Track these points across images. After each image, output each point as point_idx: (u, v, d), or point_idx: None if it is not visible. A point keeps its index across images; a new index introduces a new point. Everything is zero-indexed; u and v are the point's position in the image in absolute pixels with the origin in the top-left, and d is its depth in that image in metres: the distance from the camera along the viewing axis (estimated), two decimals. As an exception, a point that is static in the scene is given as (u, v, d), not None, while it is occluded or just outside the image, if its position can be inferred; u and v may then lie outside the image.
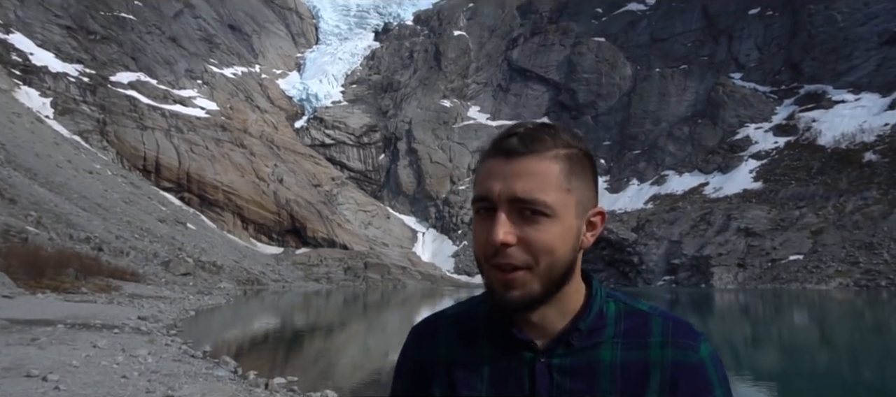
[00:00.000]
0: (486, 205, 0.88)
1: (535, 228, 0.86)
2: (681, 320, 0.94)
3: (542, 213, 0.86)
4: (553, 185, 0.87)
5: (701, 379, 0.90)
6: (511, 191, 0.86)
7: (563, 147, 0.90)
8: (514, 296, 0.88)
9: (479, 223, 0.90)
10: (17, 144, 44.90)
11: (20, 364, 5.72)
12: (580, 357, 0.91)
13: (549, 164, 0.88)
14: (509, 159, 0.88)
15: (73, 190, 43.59)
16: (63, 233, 33.84)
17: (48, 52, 65.33)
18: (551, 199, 0.87)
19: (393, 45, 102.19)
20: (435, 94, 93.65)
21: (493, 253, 0.86)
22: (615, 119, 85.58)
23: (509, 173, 0.87)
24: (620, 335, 0.92)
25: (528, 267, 0.87)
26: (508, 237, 0.85)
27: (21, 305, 12.90)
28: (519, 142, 0.88)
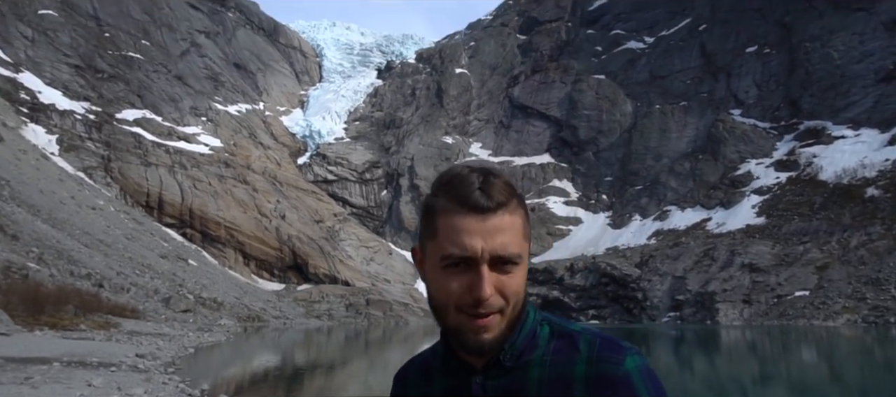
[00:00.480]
0: (464, 261, 0.94)
1: (509, 277, 0.95)
2: (608, 337, 0.99)
3: (514, 263, 0.96)
4: (521, 237, 0.97)
5: (624, 390, 0.93)
6: (493, 249, 0.93)
7: (515, 196, 0.99)
8: (487, 339, 0.95)
9: (451, 275, 0.95)
10: (22, 181, 45.12)
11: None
12: (512, 376, 0.97)
13: (515, 218, 0.97)
14: (484, 216, 0.94)
15: (75, 226, 43.62)
16: (64, 269, 33.72)
17: (56, 90, 66.17)
18: (521, 250, 0.97)
19: (395, 83, 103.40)
20: (437, 131, 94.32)
21: (472, 303, 0.93)
22: (616, 155, 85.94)
23: (487, 231, 0.93)
24: (549, 354, 0.98)
25: (500, 311, 0.95)
26: (492, 290, 0.94)
27: (17, 343, 12.75)
28: (486, 198, 0.95)
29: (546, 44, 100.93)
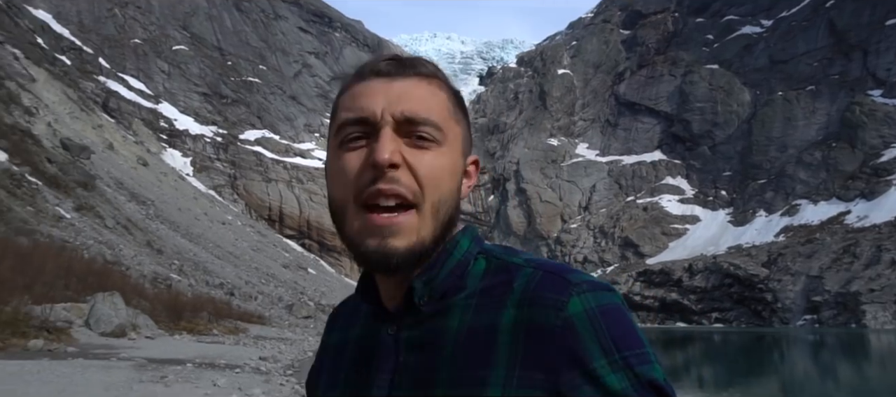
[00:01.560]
0: (362, 129, 0.71)
1: (423, 153, 0.71)
2: (556, 268, 0.71)
3: (431, 139, 0.71)
4: (442, 110, 0.74)
5: (566, 345, 0.65)
6: (399, 109, 0.70)
7: (439, 75, 0.77)
8: (398, 246, 0.69)
9: (346, 155, 0.71)
10: (164, 200, 49.86)
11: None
12: (429, 325, 0.72)
13: (435, 89, 0.75)
14: (391, 79, 0.73)
15: (208, 240, 47.50)
16: (200, 279, 36.79)
17: (188, 117, 72.64)
18: (442, 123, 0.73)
19: (497, 88, 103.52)
20: (541, 134, 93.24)
21: (370, 180, 0.69)
22: (735, 148, 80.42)
23: (393, 92, 0.72)
24: (476, 296, 0.71)
25: (414, 202, 0.69)
26: (396, 156, 0.69)
27: (159, 345, 14.02)
28: (397, 65, 0.75)
29: (652, 37, 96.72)
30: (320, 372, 0.84)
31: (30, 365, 8.18)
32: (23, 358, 8.87)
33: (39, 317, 12.71)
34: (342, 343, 0.81)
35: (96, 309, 14.82)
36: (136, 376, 8.14)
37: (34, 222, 29.60)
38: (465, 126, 0.77)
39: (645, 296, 67.75)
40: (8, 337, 11.07)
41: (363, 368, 0.75)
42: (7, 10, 57.32)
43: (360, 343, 0.78)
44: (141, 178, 51.57)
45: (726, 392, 15.98)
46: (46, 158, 39.23)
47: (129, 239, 36.35)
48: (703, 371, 22.41)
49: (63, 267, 18.51)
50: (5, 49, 50.86)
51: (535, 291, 0.68)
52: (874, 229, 57.37)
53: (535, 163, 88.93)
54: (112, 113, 62.47)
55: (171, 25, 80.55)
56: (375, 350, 0.74)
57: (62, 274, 17.88)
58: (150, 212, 44.71)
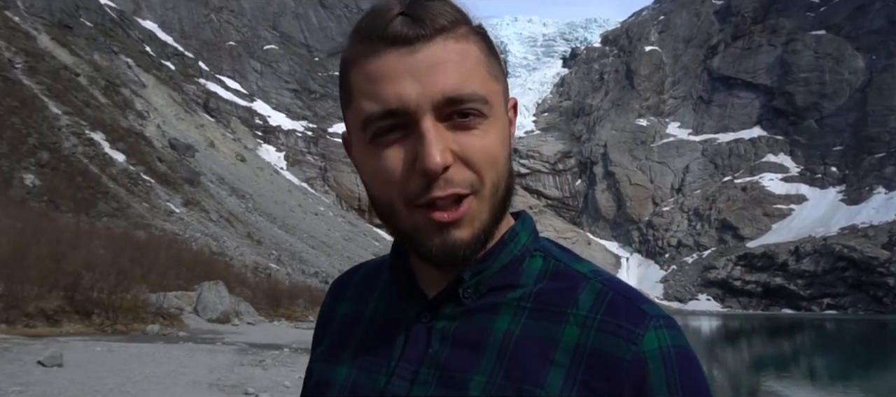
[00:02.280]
0: (394, 121, 0.58)
1: (472, 135, 0.59)
2: (628, 292, 0.62)
3: (478, 113, 0.59)
4: (481, 71, 0.60)
5: (632, 385, 0.56)
6: (436, 90, 0.57)
7: (464, 21, 0.61)
8: (464, 238, 0.59)
9: (379, 151, 0.59)
10: (261, 194, 52.58)
11: (243, 382, 6.52)
12: (471, 322, 0.62)
13: (465, 44, 0.60)
14: (412, 47, 0.58)
15: (303, 230, 49.65)
16: (296, 268, 38.59)
17: (281, 113, 76.06)
18: (484, 90, 0.60)
19: (582, 70, 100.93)
20: (629, 114, 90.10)
21: (422, 188, 0.58)
22: (847, 120, 74.10)
23: (421, 67, 0.57)
24: (530, 299, 0.62)
25: (473, 190, 0.59)
26: (447, 156, 0.57)
27: (259, 331, 14.84)
28: (412, 24, 0.58)
29: (748, 6, 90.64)
30: (318, 340, 0.76)
31: (147, 347, 8.88)
32: (141, 342, 9.65)
33: (155, 305, 13.78)
34: (354, 315, 0.72)
35: (203, 297, 15.87)
36: (237, 359, 8.64)
37: (149, 217, 32.12)
38: (501, 73, 0.65)
39: (746, 281, 64.11)
40: (130, 322, 12.09)
41: (380, 349, 0.66)
42: (120, 23, 62.20)
43: (380, 321, 0.69)
44: (240, 173, 54.64)
45: (844, 385, 14.78)
46: (157, 158, 42.39)
47: (231, 231, 38.68)
48: (814, 361, 20.95)
49: (174, 258, 19.97)
50: (120, 59, 55.30)
51: (606, 314, 0.59)
52: None
53: (624, 144, 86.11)
54: (212, 112, 66.47)
55: (262, 26, 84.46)
56: (398, 333, 0.66)
57: (173, 264, 19.28)
58: (249, 206, 47.34)
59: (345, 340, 0.70)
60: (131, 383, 5.94)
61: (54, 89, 39.65)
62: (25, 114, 34.00)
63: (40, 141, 32.38)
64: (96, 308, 11.66)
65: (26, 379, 5.57)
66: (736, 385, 14.87)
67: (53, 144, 33.11)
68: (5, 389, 5.13)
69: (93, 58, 50.82)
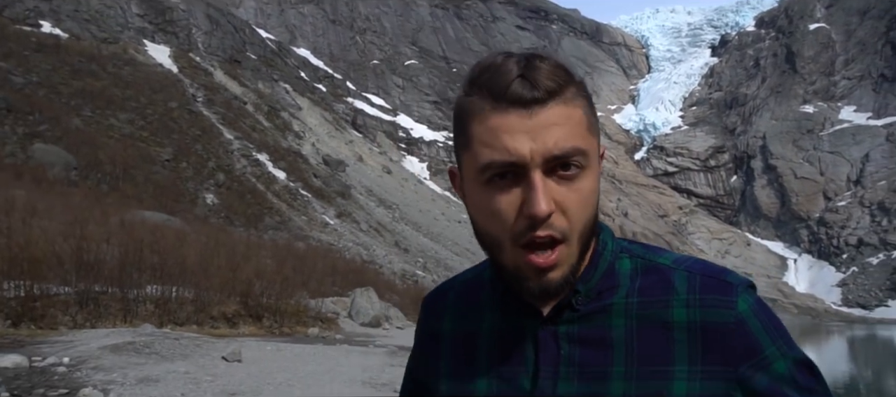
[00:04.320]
0: (511, 170, 0.70)
1: (571, 187, 0.71)
2: (711, 270, 0.77)
3: (578, 166, 0.71)
4: (583, 130, 0.73)
5: (741, 340, 0.72)
6: (545, 149, 0.69)
7: (572, 82, 0.74)
8: (554, 279, 0.72)
9: (494, 193, 0.72)
10: (407, 204, 54.93)
11: (393, 381, 6.91)
12: (590, 323, 0.76)
13: (574, 109, 0.72)
14: (529, 110, 0.70)
15: (447, 238, 51.02)
16: (442, 274, 39.78)
17: (422, 125, 79.00)
18: (587, 145, 0.72)
19: (733, 57, 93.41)
20: (792, 101, 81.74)
21: (527, 228, 0.70)
22: None
23: (535, 128, 0.70)
24: (635, 295, 0.76)
25: (565, 237, 0.71)
26: (551, 205, 0.70)
27: (407, 335, 15.53)
28: (532, 88, 0.70)
29: (941, -37, 78.42)
30: (433, 358, 0.86)
31: (309, 347, 9.70)
32: (304, 343, 10.55)
33: (314, 309, 14.96)
34: (469, 332, 0.83)
35: (356, 303, 16.92)
36: (387, 361, 9.14)
37: (307, 229, 34.95)
38: (597, 127, 0.76)
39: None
40: (294, 325, 13.26)
41: (513, 358, 0.77)
42: (279, 53, 68.53)
43: (501, 335, 0.80)
44: (386, 185, 57.55)
45: None
46: (313, 174, 46.00)
47: (379, 240, 40.85)
48: None
49: (329, 266, 21.53)
50: (279, 85, 60.93)
51: (702, 293, 0.73)
52: None
53: (786, 135, 78.24)
54: (359, 128, 70.76)
55: (402, 43, 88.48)
56: (525, 342, 0.77)
57: (329, 272, 20.79)
58: (395, 215, 49.68)
59: (471, 356, 0.81)
60: (297, 378, 6.57)
61: (227, 117, 44.66)
62: (206, 141, 38.67)
63: (217, 164, 36.63)
64: (266, 312, 12.93)
65: (214, 370, 6.43)
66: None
67: (227, 166, 37.29)
68: (200, 378, 6.00)
69: (257, 87, 56.49)
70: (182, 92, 44.24)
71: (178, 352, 7.17)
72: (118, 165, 27.85)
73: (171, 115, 39.25)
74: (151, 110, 38.12)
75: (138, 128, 35.01)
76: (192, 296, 11.59)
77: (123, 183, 26.85)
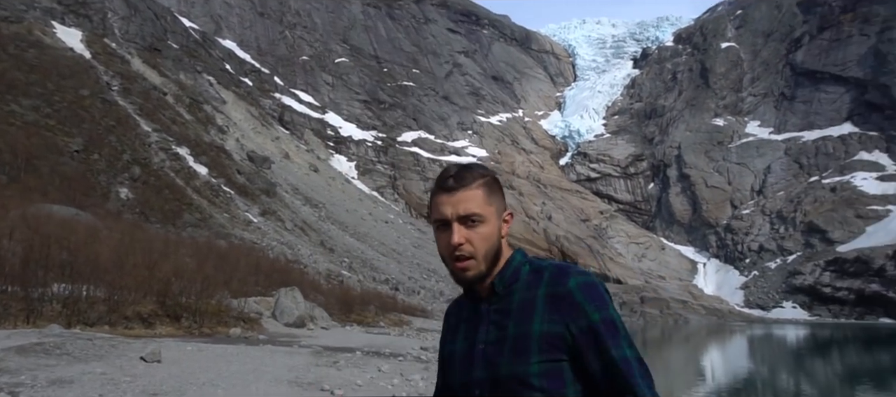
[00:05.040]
0: (443, 222, 1.39)
1: (474, 230, 1.38)
2: (561, 266, 1.42)
3: (477, 221, 1.38)
4: (481, 202, 1.39)
5: (569, 302, 1.34)
6: (459, 211, 1.38)
7: (480, 178, 1.42)
8: (467, 276, 1.39)
9: (440, 234, 1.40)
10: (333, 203, 54.20)
11: (320, 380, 6.88)
12: (503, 301, 1.40)
13: (477, 191, 1.40)
14: (452, 192, 1.39)
15: (374, 238, 50.76)
16: (368, 275, 39.53)
17: (351, 124, 78.14)
18: (480, 211, 1.38)
19: (653, 70, 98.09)
20: (705, 114, 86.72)
21: (453, 250, 1.37)
22: (951, 112, 68.40)
23: (454, 201, 1.38)
24: (524, 285, 1.40)
25: (472, 256, 1.37)
26: (461, 238, 1.37)
27: (332, 335, 15.39)
28: (453, 181, 1.40)
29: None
30: (445, 337, 1.53)
31: (232, 348, 9.47)
32: (226, 343, 10.28)
33: (237, 309, 14.58)
34: (457, 320, 1.50)
35: (280, 303, 16.61)
36: (313, 361, 9.07)
37: (229, 227, 33.83)
38: (498, 198, 1.44)
39: (837, 288, 60.18)
40: (215, 326, 12.88)
41: (471, 327, 1.44)
42: (203, 44, 65.93)
43: (468, 316, 1.46)
44: (313, 184, 56.58)
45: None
46: (237, 170, 44.58)
47: (305, 239, 40.12)
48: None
49: (253, 265, 21.00)
50: (202, 77, 58.63)
51: (552, 277, 1.38)
52: None
53: (699, 145, 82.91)
54: (286, 125, 69.16)
55: (333, 40, 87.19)
56: (477, 316, 1.44)
57: (252, 271, 20.28)
58: (322, 214, 48.92)
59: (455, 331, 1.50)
60: (221, 378, 6.42)
61: (145, 108, 42.54)
62: (120, 133, 36.69)
63: (133, 157, 34.83)
64: (185, 312, 12.50)
65: (133, 371, 6.18)
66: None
67: (144, 160, 35.52)
68: (118, 379, 5.75)
69: (179, 78, 54.12)
70: (95, 79, 41.77)
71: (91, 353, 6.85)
72: (20, 155, 25.99)
73: (82, 104, 36.97)
74: (59, 97, 35.76)
75: (44, 116, 32.76)
76: (105, 296, 11.05)
77: (26, 174, 25.10)
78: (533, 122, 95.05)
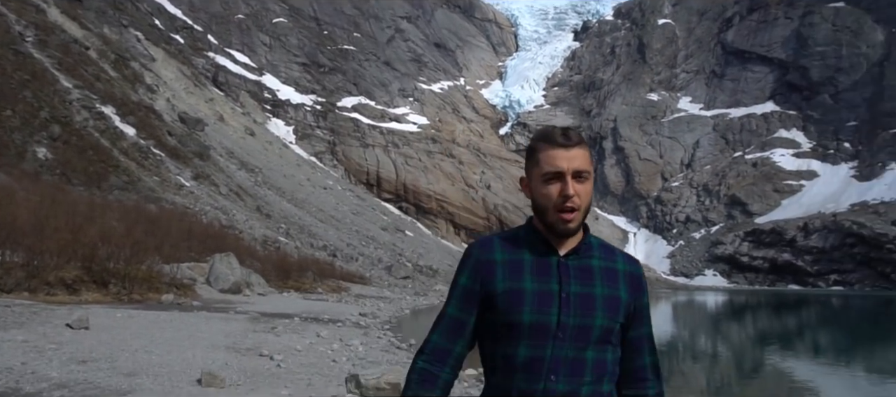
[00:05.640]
0: (556, 175, 1.52)
1: (583, 185, 1.53)
2: (626, 253, 1.67)
3: (586, 178, 1.54)
4: (589, 162, 1.56)
5: (638, 284, 1.61)
6: (574, 166, 1.52)
7: (584, 141, 1.59)
8: (572, 227, 1.53)
9: (548, 184, 1.53)
10: (270, 168, 52.91)
11: (258, 346, 6.82)
12: (582, 261, 1.56)
13: (584, 151, 1.55)
14: (568, 148, 1.53)
15: (312, 204, 50.01)
16: (305, 241, 39.03)
17: (290, 87, 76.03)
18: (588, 168, 1.55)
19: (593, 43, 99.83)
20: (641, 89, 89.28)
21: (563, 201, 1.52)
22: (862, 95, 73.13)
23: (568, 157, 1.52)
24: (600, 254, 1.60)
25: (578, 208, 1.52)
26: (574, 191, 1.51)
27: (270, 301, 15.21)
28: (569, 139, 1.55)
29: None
30: (489, 274, 1.58)
31: (164, 315, 9.21)
32: (158, 310, 9.98)
33: (169, 275, 14.14)
34: (516, 260, 1.58)
35: (215, 269, 16.22)
36: (250, 327, 8.96)
37: (160, 190, 32.51)
38: (592, 158, 1.61)
39: (753, 257, 64.07)
40: (145, 292, 12.45)
41: (546, 274, 1.55)
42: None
43: (537, 263, 1.57)
44: (249, 148, 54.94)
45: (847, 359, 14.94)
46: (167, 132, 42.70)
47: (240, 204, 39.08)
48: (819, 337, 21.11)
49: (185, 230, 20.34)
50: (129, 32, 55.37)
51: (625, 259, 1.63)
52: None
53: (634, 119, 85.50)
54: (221, 86, 66.58)
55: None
56: (552, 267, 1.55)
57: (185, 236, 19.65)
58: (258, 179, 47.68)
59: (519, 271, 1.56)
60: (154, 345, 6.26)
61: (65, 63, 39.88)
62: (36, 88, 34.32)
63: (52, 114, 32.73)
64: (113, 278, 12.02)
65: (58, 339, 5.92)
66: (740, 359, 15.10)
67: (64, 118, 33.45)
68: (43, 346, 5.50)
69: (102, 31, 50.92)
70: (6, 29, 38.71)
71: (11, 320, 6.52)
72: (-78, 110, 23.93)
73: (-7, 55, 34.26)
74: (-33, 47, 33.01)
75: (-50, 68, 30.22)
76: (24, 260, 10.48)
77: (-71, 130, 23.18)
78: (474, 91, 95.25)
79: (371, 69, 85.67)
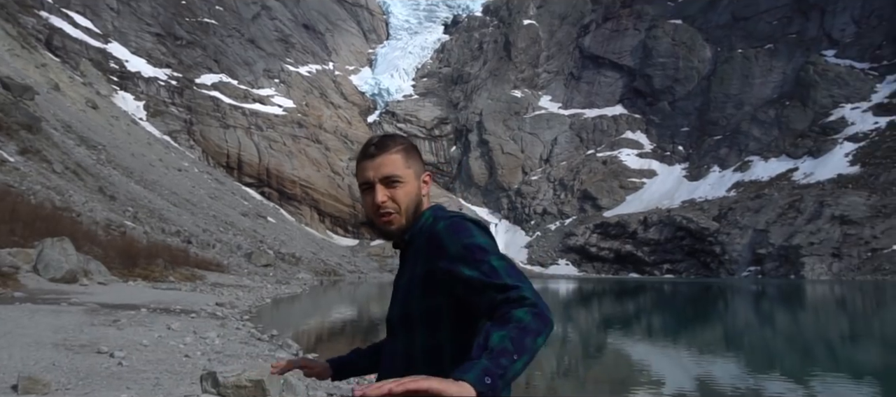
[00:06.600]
0: (368, 184, 1.57)
1: (395, 189, 1.55)
2: (448, 214, 1.57)
3: (397, 181, 1.55)
4: (402, 165, 1.56)
5: (437, 243, 1.49)
6: (381, 174, 1.55)
7: (398, 145, 1.60)
8: (393, 228, 1.58)
9: (365, 194, 1.58)
10: (116, 145, 48.21)
11: (95, 341, 6.13)
12: (410, 249, 1.59)
13: (395, 156, 1.57)
14: (373, 158, 1.57)
15: (164, 187, 46.35)
16: (156, 226, 36.07)
17: (141, 59, 69.73)
18: (400, 173, 1.56)
19: (462, 37, 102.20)
20: (505, 85, 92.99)
21: (377, 208, 1.55)
22: (694, 104, 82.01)
23: (375, 165, 1.56)
24: (420, 233, 1.58)
25: (396, 211, 1.56)
26: (384, 197, 1.54)
27: (112, 291, 13.85)
28: (375, 148, 1.58)
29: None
30: None
31: (-25, 309, 8.00)
32: (-33, 303, 8.66)
33: (-15, 262, 12.35)
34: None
35: (45, 255, 14.46)
36: (87, 320, 8.06)
37: (-24, 165, 28.31)
38: (416, 162, 1.61)
39: (601, 248, 69.60)
40: (-49, 282, 10.76)
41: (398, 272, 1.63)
42: (-63, -63, 53.28)
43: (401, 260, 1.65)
44: (91, 122, 49.61)
45: (674, 338, 16.74)
46: (-13, 98, 37.30)
47: (79, 184, 35.21)
48: (653, 319, 23.36)
49: (7, 211, 17.91)
50: (-63, -21, 47.50)
51: (431, 223, 1.56)
52: (818, 186, 59.90)
53: (498, 114, 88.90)
54: (57, 51, 59.48)
55: (120, -40, 76.29)
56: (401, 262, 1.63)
57: (7, 218, 17.32)
58: (101, 157, 43.23)
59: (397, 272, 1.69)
60: (-42, 345, 5.38)
61: None
62: None
63: None
64: (-89, 265, 10.27)
65: None
66: (586, 341, 16.29)
67: None
68: None
69: None
70: None
71: None
72: None
73: None
74: None
75: None
76: None
77: None
78: (343, 77, 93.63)
79: (234, 46, 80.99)
